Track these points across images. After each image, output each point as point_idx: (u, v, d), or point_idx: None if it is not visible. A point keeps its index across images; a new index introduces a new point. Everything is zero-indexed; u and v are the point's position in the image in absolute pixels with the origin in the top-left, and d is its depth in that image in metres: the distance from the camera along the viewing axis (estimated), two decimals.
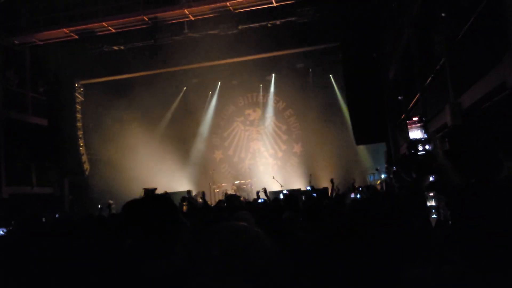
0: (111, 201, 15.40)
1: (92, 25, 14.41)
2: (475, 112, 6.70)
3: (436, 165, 1.97)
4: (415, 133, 1.85)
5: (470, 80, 6.72)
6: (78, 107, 15.62)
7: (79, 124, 15.46)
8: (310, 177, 15.63)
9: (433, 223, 2.95)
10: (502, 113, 6.73)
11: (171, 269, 1.76)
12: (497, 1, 5.62)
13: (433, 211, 3.40)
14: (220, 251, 1.33)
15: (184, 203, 8.27)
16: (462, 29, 7.05)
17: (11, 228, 7.40)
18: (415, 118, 1.92)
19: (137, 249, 2.01)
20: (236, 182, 17.45)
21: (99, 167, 17.41)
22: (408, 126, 1.91)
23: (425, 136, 1.82)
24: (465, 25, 6.93)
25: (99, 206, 14.40)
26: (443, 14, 7.41)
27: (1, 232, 6.98)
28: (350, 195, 6.58)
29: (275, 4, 14.38)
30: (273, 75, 18.94)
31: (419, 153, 1.81)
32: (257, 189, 11.85)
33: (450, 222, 1.42)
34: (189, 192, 11.11)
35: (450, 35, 7.70)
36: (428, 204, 3.65)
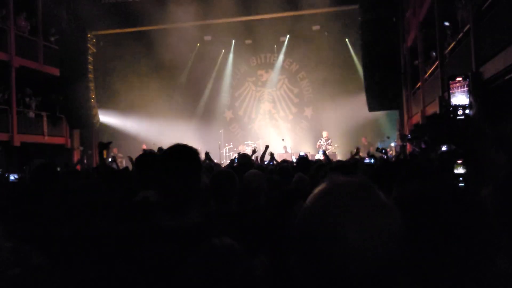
0: (116, 152, 15.62)
1: None
2: (496, 83, 6.51)
3: (476, 131, 1.85)
4: (459, 96, 1.72)
5: (494, 50, 6.49)
6: (90, 58, 15.46)
7: (90, 75, 15.35)
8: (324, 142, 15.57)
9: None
10: None
11: (188, 224, 1.74)
12: None
13: (460, 179, 3.33)
14: None
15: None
16: None
17: (22, 174, 7.52)
18: (459, 79, 1.78)
19: (154, 204, 1.98)
20: (245, 142, 17.45)
21: (110, 121, 17.51)
22: (450, 88, 1.78)
23: (467, 100, 1.69)
24: None
25: (109, 159, 14.58)
26: None
27: (13, 178, 7.08)
28: (364, 160, 6.53)
29: None
30: (288, 36, 18.50)
31: (458, 117, 1.71)
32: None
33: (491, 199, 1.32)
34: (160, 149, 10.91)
35: (476, 1, 7.38)
36: (456, 171, 3.58)
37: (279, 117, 19.32)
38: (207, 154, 6.65)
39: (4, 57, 13.99)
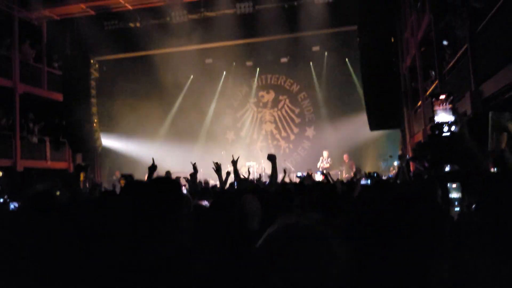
0: (118, 175, 15.61)
1: (108, 1, 14.33)
2: (496, 102, 6.52)
3: (462, 148, 1.86)
4: (442, 114, 1.73)
5: (493, 68, 6.53)
6: (93, 83, 15.64)
7: (93, 100, 15.51)
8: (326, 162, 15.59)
9: (455, 217, 2.87)
10: None
11: (174, 250, 1.73)
12: None
13: (456, 203, 3.30)
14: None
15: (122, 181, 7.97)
16: (487, 15, 6.81)
17: (24, 201, 7.50)
18: (443, 97, 1.82)
19: (139, 231, 1.97)
20: (247, 164, 17.44)
21: (112, 144, 17.60)
22: (434, 106, 1.80)
23: (453, 117, 1.71)
24: (489, 11, 6.70)
25: (112, 183, 14.58)
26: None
27: (13, 207, 7.05)
28: (360, 183, 6.48)
29: None
30: (288, 57, 18.69)
31: (443, 135, 1.72)
32: (267, 171, 11.72)
33: (475, 213, 1.36)
34: (167, 173, 10.86)
35: (473, 20, 7.46)
36: (451, 196, 3.55)
37: (281, 138, 19.36)
38: (192, 175, 6.26)
39: (9, 84, 14.20)
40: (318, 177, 12.16)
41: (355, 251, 0.92)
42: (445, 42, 10.78)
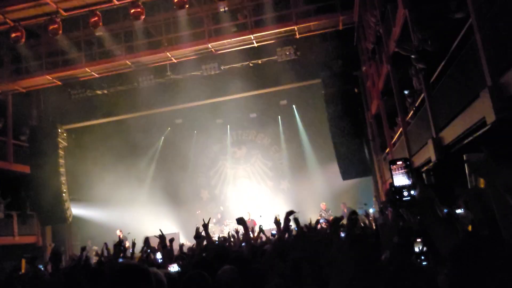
0: (90, 244, 14.99)
1: (75, 70, 14.44)
2: (456, 148, 6.74)
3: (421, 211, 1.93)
4: (400, 179, 1.79)
5: (449, 116, 6.80)
6: (61, 152, 15.37)
7: (62, 169, 15.17)
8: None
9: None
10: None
11: None
12: (470, 40, 5.77)
13: (422, 257, 3.30)
14: None
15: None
16: (439, 65, 7.20)
17: None
18: (399, 162, 1.88)
19: None
20: (225, 221, 17.16)
21: (83, 213, 17.04)
22: (392, 171, 1.86)
23: (410, 181, 1.77)
24: (441, 61, 7.08)
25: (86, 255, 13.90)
26: (412, 56, 7.61)
27: None
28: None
29: (256, 45, 14.66)
30: (257, 112, 19.05)
31: (404, 199, 1.76)
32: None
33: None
34: (146, 238, 10.07)
35: (427, 70, 7.86)
36: (416, 249, 3.56)
37: (256, 193, 19.26)
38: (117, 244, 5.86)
39: None
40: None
41: None
42: (406, 92, 11.23)
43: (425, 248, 3.05)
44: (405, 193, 1.96)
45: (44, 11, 12.43)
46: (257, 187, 19.35)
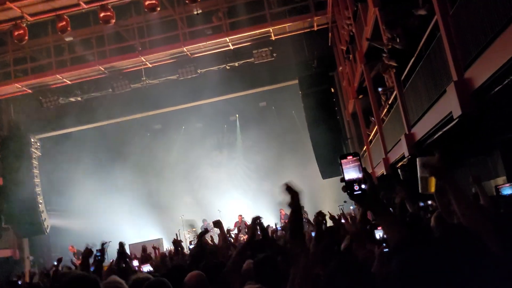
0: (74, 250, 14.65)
1: (45, 78, 14.12)
2: (428, 143, 6.78)
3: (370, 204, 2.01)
4: (350, 173, 1.77)
5: (419, 112, 6.84)
6: (35, 162, 15.00)
7: (37, 180, 14.80)
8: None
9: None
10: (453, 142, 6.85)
11: None
12: (436, 37, 5.80)
13: (384, 244, 3.36)
14: None
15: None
16: (408, 63, 7.23)
17: None
18: (350, 157, 1.88)
19: None
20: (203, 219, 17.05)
21: (62, 223, 16.66)
22: (342, 165, 1.85)
23: (359, 175, 1.75)
24: (410, 58, 7.12)
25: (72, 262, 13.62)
26: (384, 55, 7.65)
27: None
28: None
29: (232, 48, 14.59)
30: (237, 115, 18.97)
31: (355, 193, 1.74)
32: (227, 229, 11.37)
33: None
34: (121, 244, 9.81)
35: (398, 68, 7.89)
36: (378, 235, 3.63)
37: (238, 195, 19.15)
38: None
39: None
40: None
41: None
42: (379, 89, 11.29)
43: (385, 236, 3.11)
44: (356, 187, 1.95)
45: (8, 16, 12.09)
46: (240, 190, 19.23)
